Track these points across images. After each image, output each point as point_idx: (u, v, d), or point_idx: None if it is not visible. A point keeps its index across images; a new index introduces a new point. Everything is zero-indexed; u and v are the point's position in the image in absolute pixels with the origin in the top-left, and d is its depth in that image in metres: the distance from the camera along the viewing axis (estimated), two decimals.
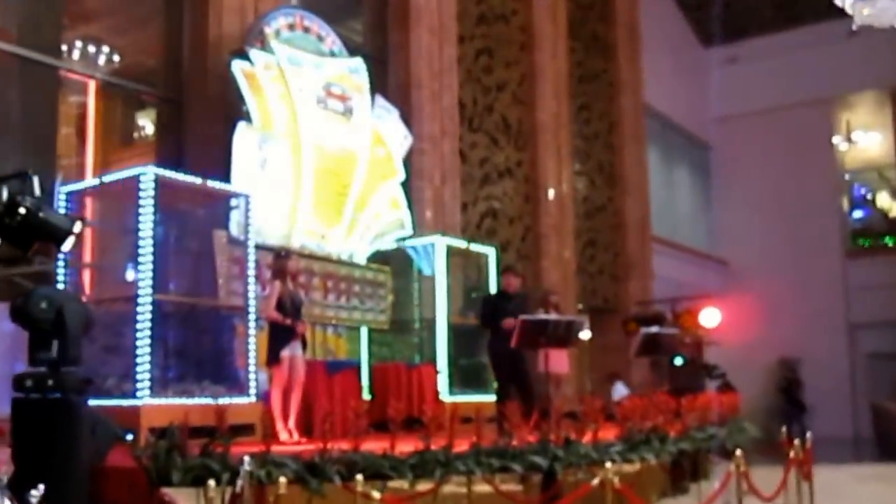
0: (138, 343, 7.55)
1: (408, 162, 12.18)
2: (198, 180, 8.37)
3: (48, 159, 9.61)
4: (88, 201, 8.62)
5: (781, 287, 24.02)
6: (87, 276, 8.75)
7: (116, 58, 10.90)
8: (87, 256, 9.01)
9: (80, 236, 4.88)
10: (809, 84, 24.54)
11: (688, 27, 25.81)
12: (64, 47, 10.32)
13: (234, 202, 8.83)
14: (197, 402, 7.67)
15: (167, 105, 10.86)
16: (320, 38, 10.98)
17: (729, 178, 26.06)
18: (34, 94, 9.63)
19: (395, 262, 11.57)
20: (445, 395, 10.82)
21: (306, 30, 10.81)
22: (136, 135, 12.78)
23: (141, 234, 7.69)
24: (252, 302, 8.51)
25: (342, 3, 13.82)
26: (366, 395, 10.02)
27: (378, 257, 11.36)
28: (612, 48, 19.96)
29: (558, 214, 16.76)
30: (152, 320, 7.64)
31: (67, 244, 4.50)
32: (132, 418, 7.24)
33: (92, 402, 4.63)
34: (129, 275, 8.02)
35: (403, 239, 11.69)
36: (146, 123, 12.62)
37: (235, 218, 8.84)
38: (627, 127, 19.93)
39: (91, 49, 10.77)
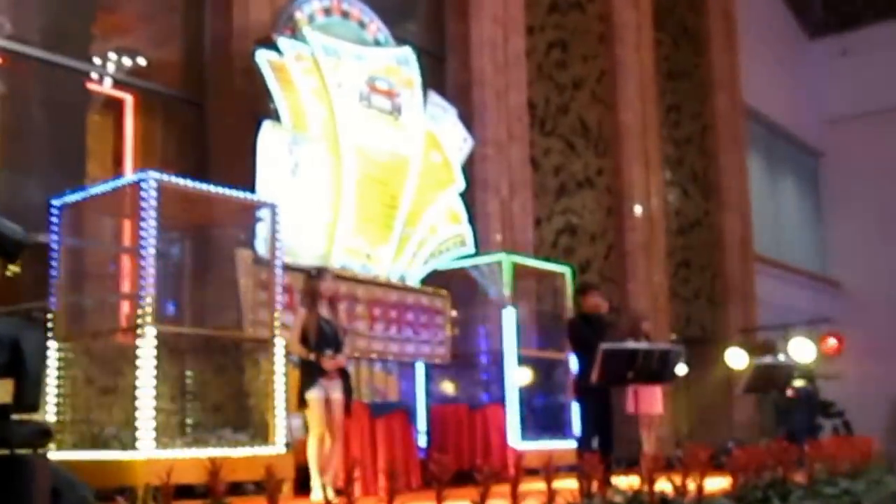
0: (139, 384, 6.91)
1: (468, 170, 11.59)
2: (212, 188, 7.75)
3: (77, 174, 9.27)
4: (86, 216, 7.97)
5: None
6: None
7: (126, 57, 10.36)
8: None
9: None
10: None
11: (790, 16, 25.14)
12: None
13: (259, 214, 8.20)
14: (213, 454, 6.99)
15: (185, 105, 10.32)
16: (362, 25, 10.42)
17: (842, 188, 25.26)
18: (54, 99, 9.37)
19: (454, 286, 11.00)
20: (516, 442, 10.15)
21: (345, 15, 10.26)
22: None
23: (142, 251, 7.08)
24: (279, 333, 7.85)
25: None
26: (421, 442, 9.46)
27: (435, 280, 10.81)
28: (704, 40, 19.36)
29: (647, 230, 16.20)
30: (157, 356, 7.03)
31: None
32: (130, 474, 6.69)
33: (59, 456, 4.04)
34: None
35: (464, 258, 11.07)
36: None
37: (262, 234, 8.25)
38: (724, 130, 19.28)
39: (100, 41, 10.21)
